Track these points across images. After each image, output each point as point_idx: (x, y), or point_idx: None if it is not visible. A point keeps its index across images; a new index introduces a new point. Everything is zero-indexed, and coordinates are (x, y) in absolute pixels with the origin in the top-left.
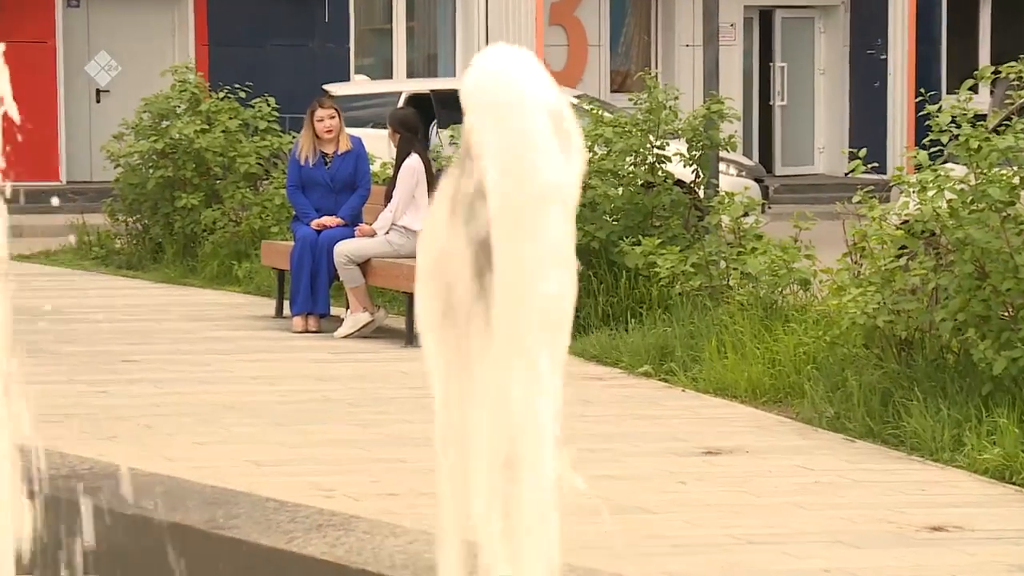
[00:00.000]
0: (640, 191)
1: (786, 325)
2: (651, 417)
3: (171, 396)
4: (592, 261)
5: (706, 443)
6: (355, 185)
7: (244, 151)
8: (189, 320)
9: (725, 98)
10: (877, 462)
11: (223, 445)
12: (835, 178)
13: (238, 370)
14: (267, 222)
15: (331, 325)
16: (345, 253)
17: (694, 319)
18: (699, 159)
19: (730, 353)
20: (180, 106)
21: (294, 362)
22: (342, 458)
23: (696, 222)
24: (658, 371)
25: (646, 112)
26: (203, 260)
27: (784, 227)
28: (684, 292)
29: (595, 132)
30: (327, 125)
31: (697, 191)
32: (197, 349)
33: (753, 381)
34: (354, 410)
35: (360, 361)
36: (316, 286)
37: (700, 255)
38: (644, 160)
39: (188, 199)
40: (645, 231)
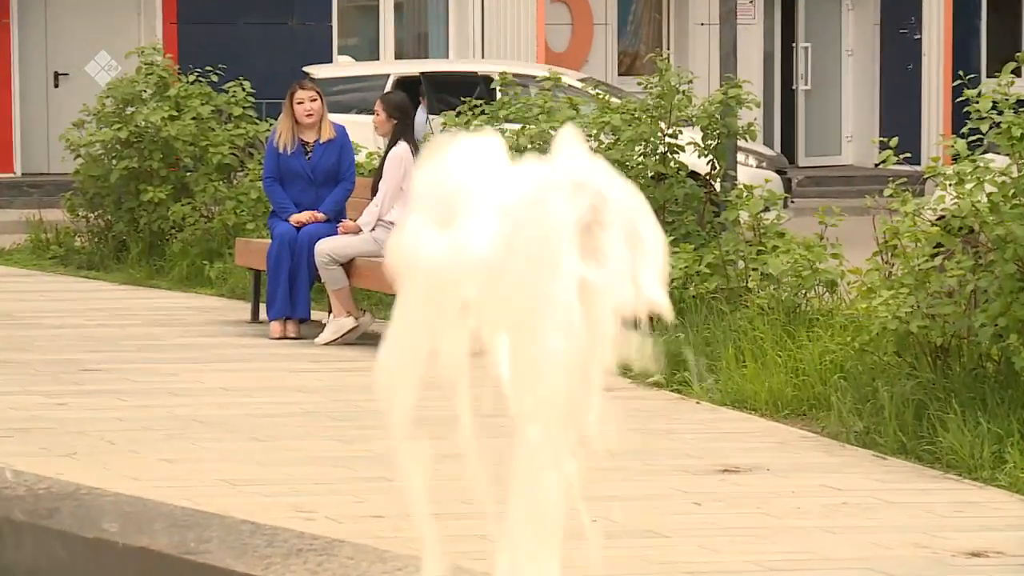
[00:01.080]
0: (650, 184)
1: (810, 331)
2: (663, 432)
3: (136, 409)
4: None
5: (723, 460)
6: (338, 177)
7: (217, 140)
8: (156, 325)
9: (744, 82)
10: (910, 481)
11: (193, 463)
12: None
13: (210, 380)
14: (242, 218)
15: (312, 331)
16: (327, 252)
17: (709, 324)
18: (715, 149)
19: (749, 362)
20: (146, 91)
21: (271, 372)
22: (324, 477)
23: (712, 218)
24: (670, 381)
25: (657, 97)
26: (171, 260)
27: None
28: (698, 295)
29: (601, 119)
30: (308, 108)
31: (713, 184)
32: (165, 357)
33: (774, 392)
34: (337, 424)
35: (344, 370)
36: (295, 288)
37: (716, 254)
38: (655, 150)
39: (155, 193)
40: None
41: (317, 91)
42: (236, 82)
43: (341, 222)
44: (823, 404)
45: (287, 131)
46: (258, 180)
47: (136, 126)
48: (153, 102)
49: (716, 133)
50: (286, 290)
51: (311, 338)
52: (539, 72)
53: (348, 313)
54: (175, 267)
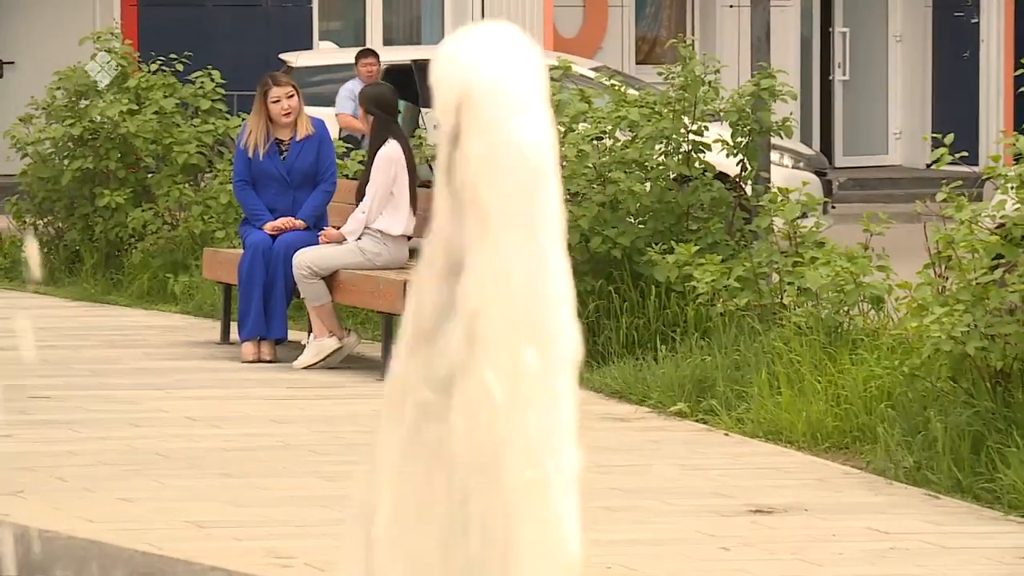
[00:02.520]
0: (673, 187)
1: (854, 353)
2: (687, 467)
3: (91, 441)
4: (613, 274)
5: (755, 499)
6: (317, 179)
7: (182, 137)
8: (113, 347)
9: (778, 71)
10: (967, 523)
11: (156, 502)
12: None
13: (174, 409)
14: (210, 225)
15: (289, 353)
16: (307, 264)
17: (740, 346)
18: (746, 147)
19: (784, 388)
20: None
21: (244, 399)
22: (303, 518)
23: (742, 225)
24: (695, 410)
25: (680, 89)
26: (131, 272)
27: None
28: (727, 312)
29: (617, 114)
30: (285, 107)
31: (743, 187)
32: (123, 383)
33: (813, 423)
34: (318, 459)
35: (326, 398)
36: (270, 305)
37: (747, 266)
38: (677, 149)
39: (112, 197)
40: (679, 236)
41: (293, 85)
42: (204, 72)
43: (322, 230)
44: (868, 436)
45: (259, 130)
46: (228, 183)
47: (91, 121)
48: (110, 94)
49: (747, 129)
50: (260, 307)
51: (288, 361)
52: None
53: (331, 333)
54: (135, 281)
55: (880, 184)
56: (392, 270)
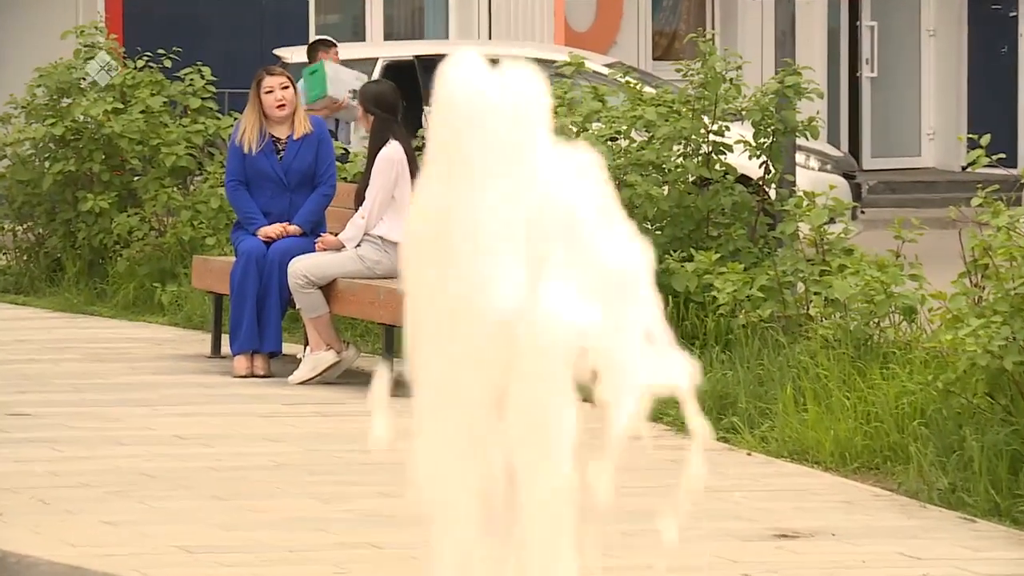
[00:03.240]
0: (692, 190)
1: (885, 368)
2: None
3: (74, 461)
4: None
5: (779, 523)
6: (316, 181)
7: (170, 138)
8: (97, 361)
9: (804, 68)
10: (1005, 548)
11: (142, 525)
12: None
13: (162, 427)
14: (200, 231)
15: (284, 367)
16: (303, 272)
17: (763, 360)
18: (769, 149)
19: (811, 405)
20: (86, 78)
21: (235, 416)
22: (298, 542)
23: (766, 232)
24: (716, 428)
25: (699, 87)
26: (115, 282)
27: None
28: (750, 324)
29: (632, 113)
30: (278, 97)
31: (767, 191)
32: (108, 399)
33: (841, 441)
34: (313, 480)
35: (323, 415)
36: (264, 316)
37: (771, 275)
38: (697, 150)
39: (96, 201)
40: (698, 243)
41: (289, 77)
42: (193, 68)
43: (320, 236)
44: (900, 456)
45: (253, 127)
46: (219, 186)
47: (73, 121)
48: (94, 92)
49: (771, 129)
50: (253, 318)
51: (283, 376)
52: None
53: (328, 346)
54: (120, 291)
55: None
56: (394, 279)
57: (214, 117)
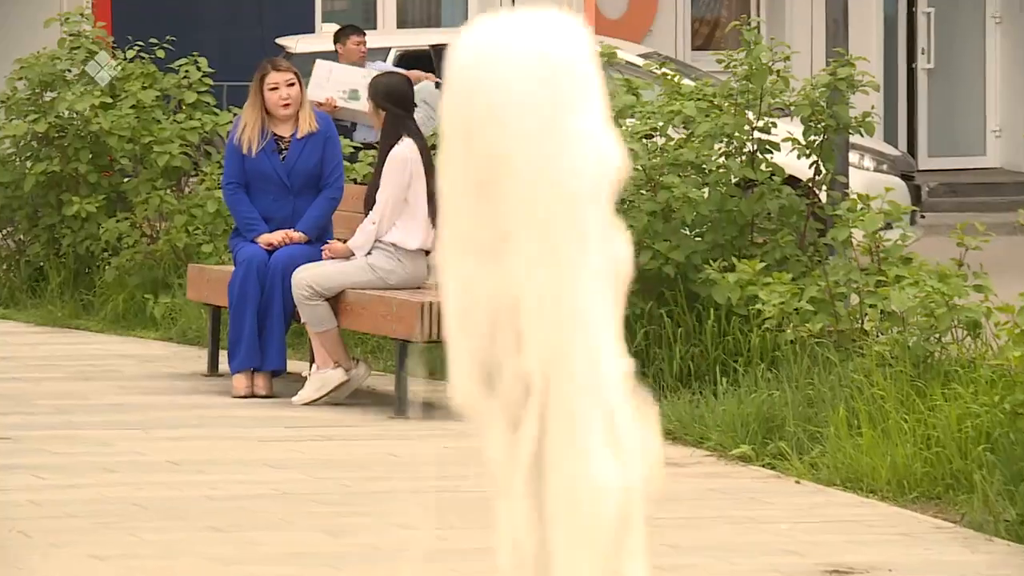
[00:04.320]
0: (735, 193)
1: (947, 388)
2: (751, 520)
3: (58, 490)
4: (665, 294)
5: (831, 557)
6: (321, 184)
7: (163, 135)
8: (83, 379)
9: (858, 58)
10: None
11: (132, 560)
12: (1017, 174)
13: (153, 452)
14: (196, 238)
15: (288, 387)
16: (309, 283)
17: (813, 378)
18: (820, 147)
19: (865, 428)
20: (71, 70)
21: (234, 440)
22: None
23: (816, 238)
24: (761, 453)
25: (743, 79)
26: (103, 293)
27: (943, 245)
28: (798, 339)
29: (670, 108)
30: (284, 96)
31: (817, 193)
32: (95, 422)
33: (899, 468)
34: (321, 510)
35: (330, 439)
36: (266, 331)
37: (822, 286)
38: (740, 148)
39: (82, 204)
40: (742, 251)
41: (295, 73)
42: (189, 59)
43: (326, 244)
44: (963, 484)
45: (254, 125)
46: (216, 188)
47: (58, 117)
48: (80, 85)
49: (821, 126)
50: (254, 333)
51: (287, 397)
52: None
53: (336, 363)
54: (108, 303)
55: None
56: (408, 290)
57: (211, 113)
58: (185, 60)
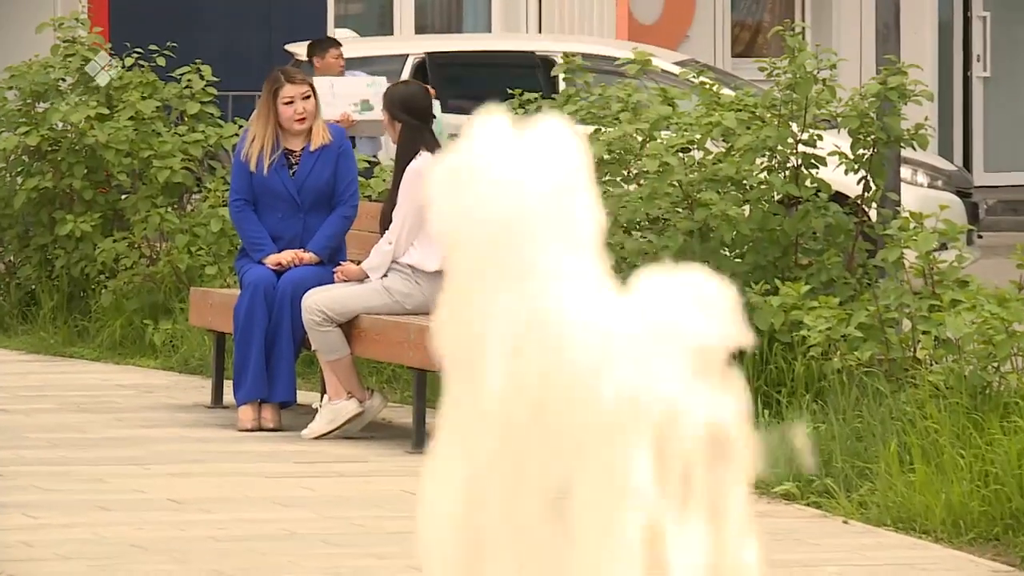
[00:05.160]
0: (778, 210)
1: (1006, 420)
2: (796, 563)
3: (51, 530)
4: None
5: None
6: (334, 201)
7: (164, 149)
8: (77, 411)
9: (910, 66)
10: None
11: None
12: None
13: (154, 489)
14: (199, 259)
15: (298, 420)
16: (320, 307)
17: (862, 411)
18: (869, 161)
19: (918, 464)
20: (65, 79)
21: (240, 477)
22: None
23: (865, 259)
24: (806, 491)
25: (787, 88)
26: (99, 318)
27: (1002, 267)
28: (846, 368)
29: (708, 119)
30: (299, 110)
31: (866, 211)
32: (90, 456)
33: (955, 507)
34: (332, 552)
35: (342, 476)
36: (274, 359)
37: (871, 311)
38: (784, 163)
39: (77, 223)
40: (786, 273)
41: (310, 84)
42: (191, 67)
43: (339, 265)
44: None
45: (264, 140)
46: (220, 205)
47: (51, 129)
48: (75, 95)
49: (871, 139)
50: (261, 362)
51: (297, 430)
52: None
53: (349, 394)
54: (104, 329)
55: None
56: (426, 315)
57: (215, 124)
58: (187, 68)
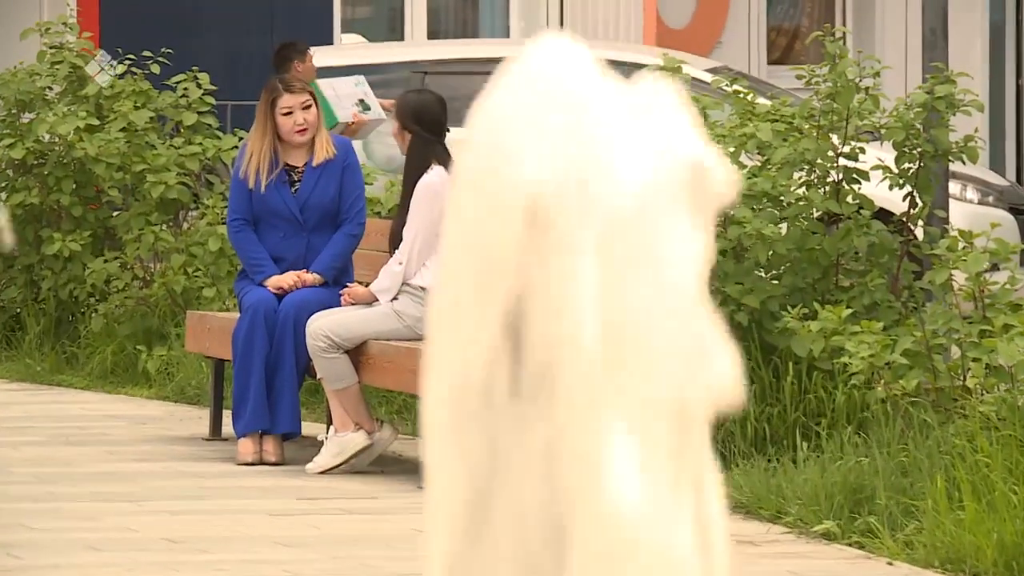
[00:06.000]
0: (817, 229)
1: None
2: None
3: (38, 571)
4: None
5: None
6: (340, 219)
7: (158, 162)
8: (66, 444)
9: (959, 74)
10: None
11: None
12: None
13: (148, 528)
14: (196, 281)
15: (302, 452)
16: (326, 332)
17: (907, 444)
18: (915, 176)
19: (968, 501)
20: (53, 88)
21: (240, 515)
22: None
23: (911, 281)
24: (848, 530)
25: (827, 98)
26: (89, 344)
27: None
28: (890, 398)
29: (742, 131)
30: (300, 121)
31: (912, 229)
32: (79, 493)
33: (1007, 548)
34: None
35: (350, 513)
36: (276, 387)
37: (917, 337)
38: (824, 178)
39: (65, 242)
40: (826, 296)
41: (311, 93)
42: (188, 75)
43: (346, 287)
44: None
45: (261, 152)
46: (219, 223)
47: (37, 141)
48: (63, 105)
49: (917, 152)
50: (262, 390)
51: (301, 464)
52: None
53: (357, 425)
54: (95, 355)
55: None
56: None
57: (213, 136)
58: (183, 76)
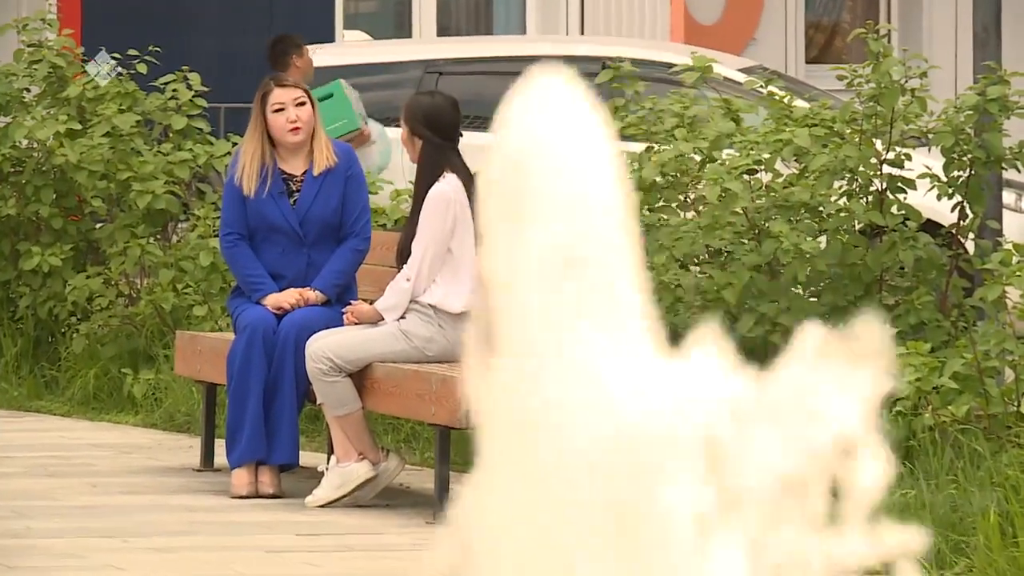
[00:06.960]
0: (860, 242)
1: None
2: None
3: None
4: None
5: None
6: (343, 232)
7: (145, 170)
8: (46, 475)
9: (1013, 74)
10: None
11: None
12: None
13: (135, 566)
14: (186, 299)
15: (301, 484)
16: (327, 354)
17: (957, 475)
18: (966, 185)
19: (1022, 536)
20: (31, 89)
21: (235, 551)
22: None
23: (962, 298)
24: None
25: (870, 100)
26: (70, 366)
27: None
28: (939, 425)
29: (778, 137)
30: (292, 118)
31: (963, 242)
32: (61, 528)
33: None
34: None
35: (352, 550)
36: (274, 414)
37: (968, 359)
38: (866, 187)
39: (44, 257)
40: None
41: (305, 90)
42: (178, 75)
43: (349, 305)
44: None
45: (255, 158)
46: (211, 236)
47: (14, 147)
48: (42, 108)
49: (967, 159)
50: (259, 417)
51: (300, 497)
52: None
53: (360, 455)
54: (76, 379)
55: None
56: (450, 363)
57: (205, 142)
58: (173, 76)
